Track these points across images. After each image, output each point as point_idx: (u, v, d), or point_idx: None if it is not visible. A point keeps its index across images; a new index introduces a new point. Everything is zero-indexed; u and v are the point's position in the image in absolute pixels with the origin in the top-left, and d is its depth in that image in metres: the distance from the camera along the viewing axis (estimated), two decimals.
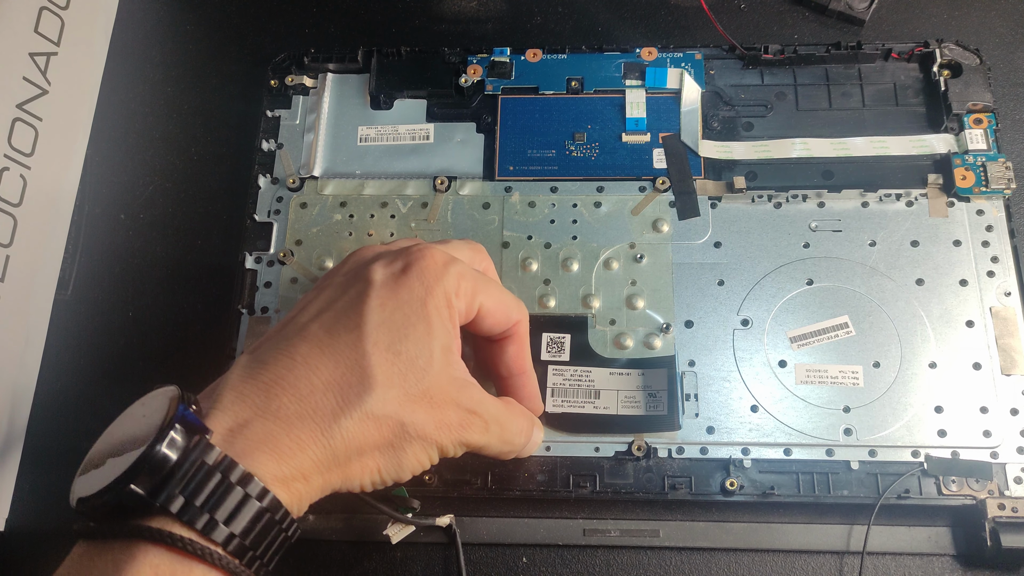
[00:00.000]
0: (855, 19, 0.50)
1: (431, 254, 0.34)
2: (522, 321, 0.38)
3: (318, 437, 0.30)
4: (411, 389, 0.32)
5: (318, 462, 0.30)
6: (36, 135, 0.47)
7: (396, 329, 0.32)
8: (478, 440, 0.34)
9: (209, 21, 0.54)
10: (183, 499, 0.27)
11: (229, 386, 0.31)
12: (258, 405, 0.30)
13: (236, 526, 0.28)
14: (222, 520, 0.28)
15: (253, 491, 0.28)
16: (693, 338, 0.42)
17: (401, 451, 0.32)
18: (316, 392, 0.31)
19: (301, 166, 0.47)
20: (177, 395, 0.29)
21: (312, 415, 0.30)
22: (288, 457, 0.30)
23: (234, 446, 0.29)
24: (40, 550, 0.42)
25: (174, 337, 0.46)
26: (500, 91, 0.48)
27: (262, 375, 0.31)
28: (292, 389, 0.31)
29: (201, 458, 0.28)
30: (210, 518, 0.28)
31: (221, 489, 0.28)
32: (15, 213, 0.46)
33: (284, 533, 0.30)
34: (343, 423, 0.31)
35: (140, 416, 0.29)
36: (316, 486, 0.31)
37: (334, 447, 0.30)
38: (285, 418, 0.30)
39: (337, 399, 0.31)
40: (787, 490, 0.39)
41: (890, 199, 0.44)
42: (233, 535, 0.28)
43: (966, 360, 0.41)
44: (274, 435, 0.30)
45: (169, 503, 0.27)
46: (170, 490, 0.27)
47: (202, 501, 0.27)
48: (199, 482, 0.28)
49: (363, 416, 0.31)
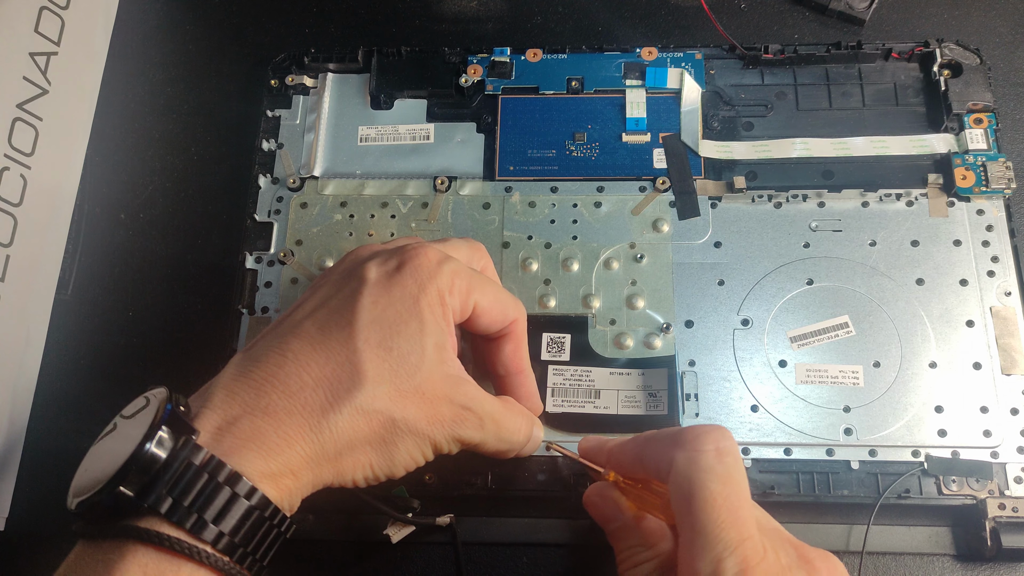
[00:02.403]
0: (855, 19, 0.50)
1: (425, 252, 0.35)
2: (519, 319, 0.38)
3: (306, 433, 0.30)
4: (402, 385, 0.32)
5: (307, 457, 0.30)
6: (36, 135, 0.47)
7: (388, 326, 0.32)
8: (473, 436, 0.34)
9: (209, 21, 0.54)
10: (171, 499, 0.28)
11: (220, 384, 0.31)
12: (247, 402, 0.30)
13: (225, 525, 0.28)
14: (211, 519, 0.28)
15: (241, 490, 0.28)
16: (693, 338, 0.42)
17: (393, 446, 0.32)
18: (306, 388, 0.31)
19: (301, 166, 0.47)
20: (165, 397, 0.29)
21: (301, 411, 0.30)
22: (276, 453, 0.30)
23: (222, 444, 0.29)
24: (40, 550, 0.42)
25: (174, 337, 0.46)
26: (500, 91, 0.48)
27: (254, 372, 0.31)
28: (282, 386, 0.31)
29: (188, 458, 0.28)
30: (198, 518, 0.28)
31: (209, 489, 0.28)
32: (15, 213, 0.46)
33: (276, 529, 0.30)
34: (332, 418, 0.31)
35: (130, 418, 0.29)
36: (306, 481, 0.31)
37: (323, 442, 0.31)
38: (274, 414, 0.30)
39: (327, 395, 0.31)
40: (787, 490, 0.39)
41: (890, 199, 0.44)
42: (223, 534, 0.28)
43: (966, 360, 0.41)
44: (262, 431, 0.30)
45: (158, 504, 0.27)
46: (158, 491, 0.27)
47: (190, 501, 0.28)
48: (187, 483, 0.28)
49: (353, 411, 0.31)
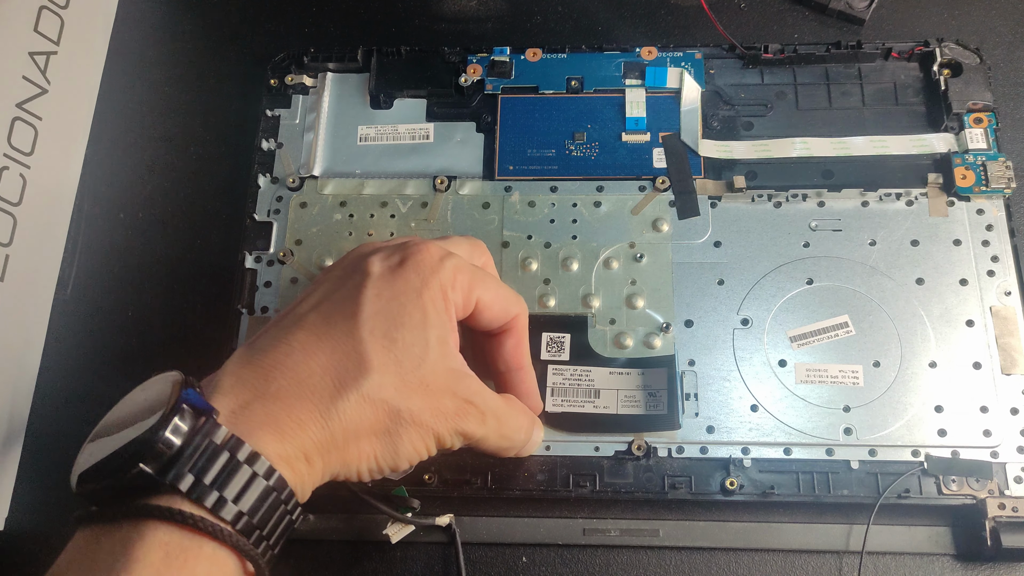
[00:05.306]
0: (855, 18, 0.50)
1: (428, 248, 0.35)
2: (520, 315, 0.38)
3: (317, 418, 0.30)
4: (407, 376, 0.32)
5: (318, 443, 0.30)
6: (36, 134, 0.47)
7: (392, 318, 0.33)
8: (475, 431, 0.34)
9: (208, 21, 0.54)
10: (192, 477, 0.27)
11: (227, 372, 0.31)
12: (257, 388, 0.30)
13: (244, 504, 0.28)
14: (231, 498, 0.28)
15: (260, 469, 0.28)
16: (693, 337, 0.42)
17: (397, 437, 0.32)
18: (314, 375, 0.31)
19: (301, 166, 0.47)
20: (180, 379, 0.29)
21: (311, 396, 0.31)
22: (290, 436, 0.30)
23: (237, 427, 0.29)
24: (40, 550, 0.42)
25: (174, 336, 0.46)
26: (500, 91, 0.48)
27: (260, 361, 0.31)
28: (290, 372, 0.31)
29: (209, 437, 0.28)
30: (219, 496, 0.28)
31: (229, 467, 0.28)
32: (15, 212, 0.46)
33: (289, 516, 0.30)
34: (341, 405, 0.31)
35: (142, 400, 0.29)
36: (318, 469, 0.31)
37: (332, 428, 0.31)
38: (284, 399, 0.30)
39: (334, 382, 0.31)
40: (787, 490, 0.39)
41: (890, 198, 0.44)
42: (242, 513, 0.28)
43: (966, 360, 0.41)
44: (275, 415, 0.30)
45: (178, 481, 0.27)
46: (179, 468, 0.27)
47: (211, 479, 0.27)
48: (207, 460, 0.28)
49: (360, 399, 0.31)
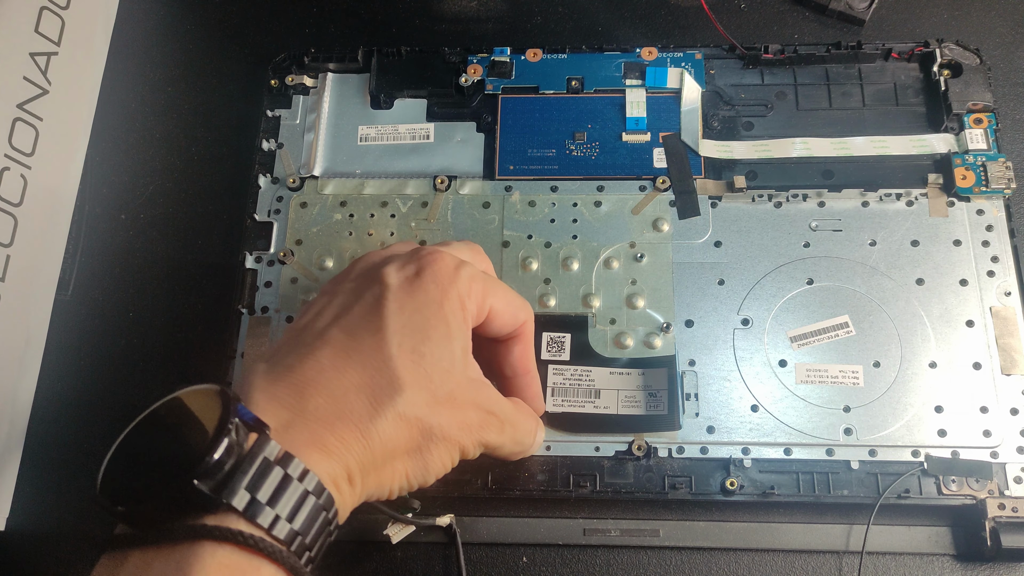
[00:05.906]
0: (855, 19, 0.50)
1: (442, 258, 0.34)
2: (528, 321, 0.38)
3: (359, 437, 0.30)
4: (437, 391, 0.32)
5: (360, 463, 0.30)
6: (36, 135, 0.47)
7: (417, 331, 0.32)
8: (495, 440, 0.34)
9: (209, 21, 0.54)
10: (248, 495, 0.26)
11: (257, 387, 0.30)
12: (294, 407, 0.30)
13: (296, 522, 0.27)
14: (284, 516, 0.27)
15: (310, 486, 0.28)
16: (693, 337, 0.42)
17: (428, 453, 0.32)
18: (349, 393, 0.30)
19: (301, 166, 0.47)
20: (224, 391, 0.28)
21: (349, 415, 0.30)
22: (336, 455, 0.29)
23: (285, 444, 0.28)
24: (40, 550, 0.42)
25: (174, 337, 0.46)
26: (500, 91, 0.48)
27: (290, 378, 0.30)
28: (325, 391, 0.30)
29: (261, 453, 0.27)
30: (275, 515, 0.27)
31: (282, 484, 0.27)
32: (15, 213, 0.46)
33: (330, 537, 0.29)
34: (379, 424, 0.30)
35: (182, 413, 0.28)
36: (357, 490, 0.30)
37: (373, 448, 0.30)
38: (325, 419, 0.30)
39: (370, 400, 0.30)
40: (787, 490, 0.39)
41: (890, 199, 0.44)
42: (295, 532, 0.27)
43: (966, 360, 0.41)
44: (319, 434, 0.29)
45: (232, 498, 0.26)
46: (232, 486, 0.26)
47: (266, 497, 0.27)
48: (259, 477, 0.27)
49: (396, 417, 0.30)
